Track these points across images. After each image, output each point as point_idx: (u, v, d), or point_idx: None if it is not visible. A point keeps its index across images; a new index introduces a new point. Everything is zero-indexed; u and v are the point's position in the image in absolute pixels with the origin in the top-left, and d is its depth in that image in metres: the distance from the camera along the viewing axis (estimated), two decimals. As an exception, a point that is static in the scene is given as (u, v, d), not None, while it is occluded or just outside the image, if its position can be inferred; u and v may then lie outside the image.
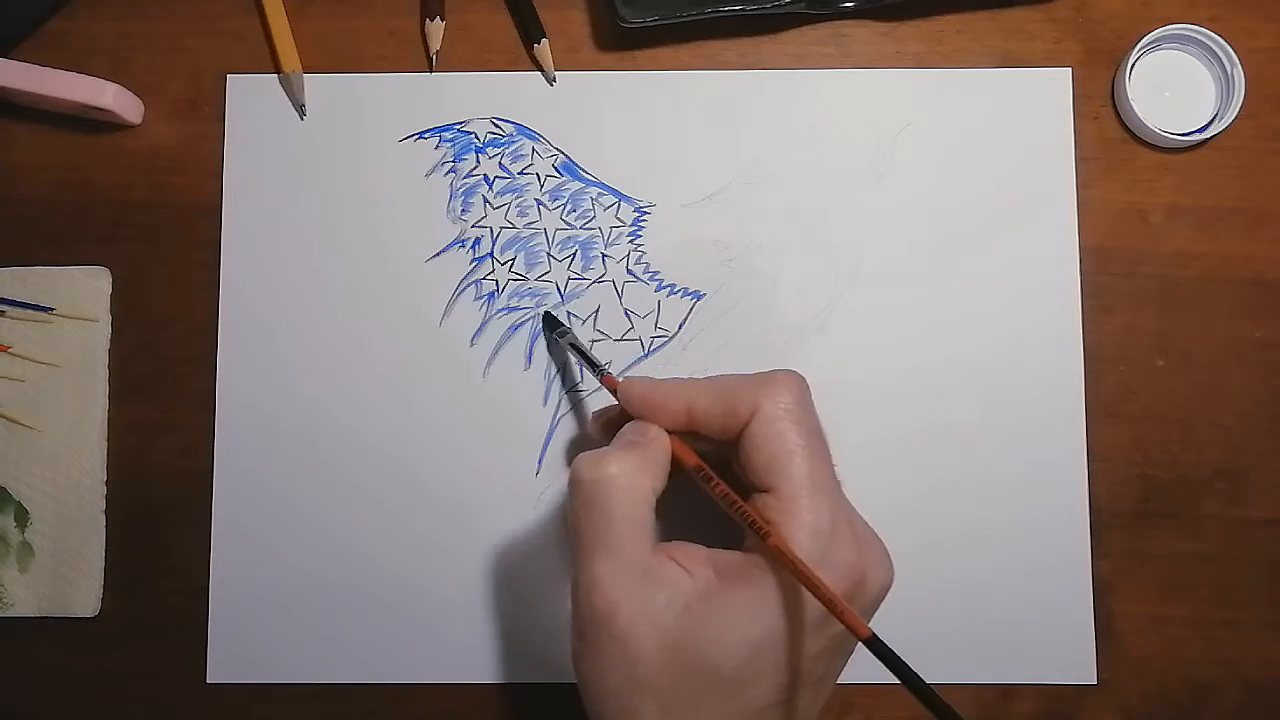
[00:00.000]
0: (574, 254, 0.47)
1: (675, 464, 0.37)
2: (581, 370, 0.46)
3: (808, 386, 0.37)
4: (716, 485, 0.36)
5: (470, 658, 0.45)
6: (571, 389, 0.46)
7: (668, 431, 0.38)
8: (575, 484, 0.36)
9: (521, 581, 0.46)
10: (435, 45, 0.48)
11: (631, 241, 0.47)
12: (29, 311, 0.47)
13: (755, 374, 0.38)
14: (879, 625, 0.33)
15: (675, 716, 0.34)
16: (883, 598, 0.37)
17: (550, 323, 0.46)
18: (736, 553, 0.36)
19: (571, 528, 0.36)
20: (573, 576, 0.36)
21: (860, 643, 0.32)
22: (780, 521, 0.35)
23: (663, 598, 0.34)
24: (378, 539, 0.46)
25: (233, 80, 0.48)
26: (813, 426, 0.37)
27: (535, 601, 0.46)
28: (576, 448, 0.46)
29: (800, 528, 0.34)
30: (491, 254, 0.47)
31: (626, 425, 0.39)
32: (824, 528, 0.35)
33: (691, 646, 0.33)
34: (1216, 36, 0.47)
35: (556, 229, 0.47)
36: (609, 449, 0.37)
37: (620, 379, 0.40)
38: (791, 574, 0.33)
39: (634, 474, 0.36)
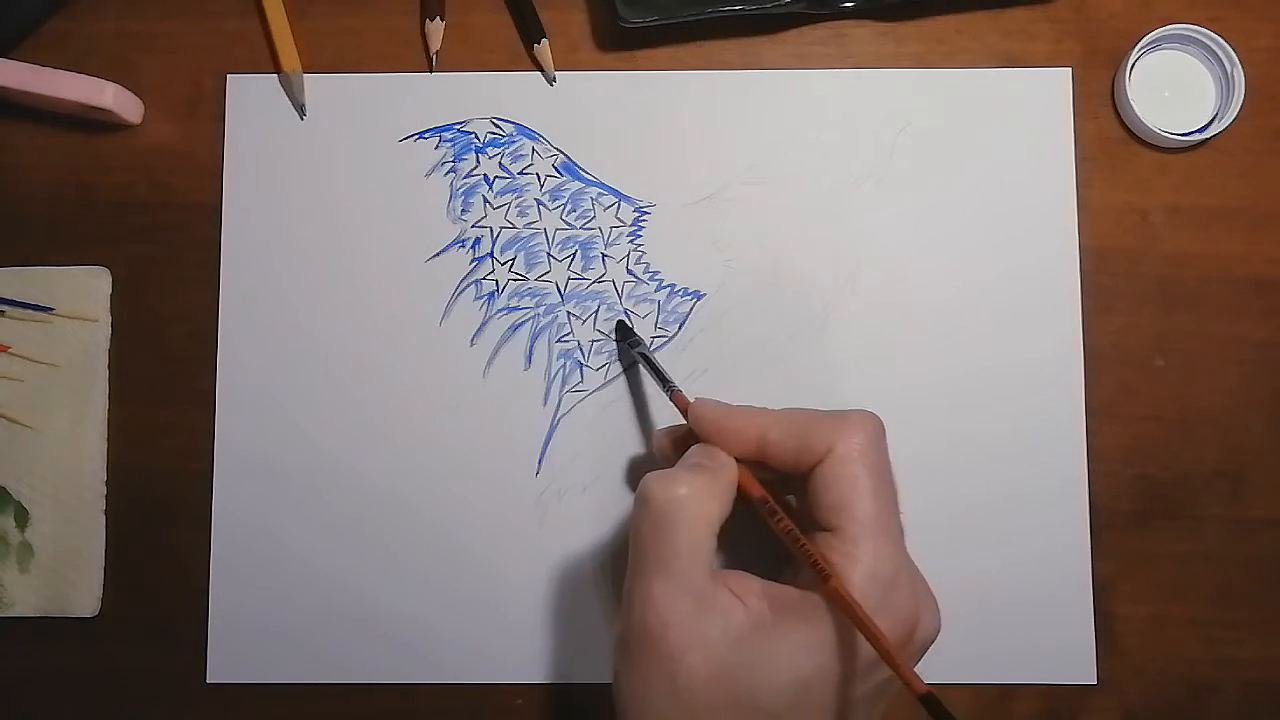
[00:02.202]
0: (574, 254, 0.47)
1: (739, 493, 0.37)
2: (583, 371, 0.46)
3: (883, 429, 0.37)
4: (780, 520, 0.36)
5: (471, 658, 0.45)
6: (572, 389, 0.47)
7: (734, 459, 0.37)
8: (644, 501, 0.36)
9: (521, 582, 0.46)
10: (435, 45, 0.48)
11: (631, 241, 0.47)
12: (29, 311, 0.47)
13: (831, 412, 0.37)
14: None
15: None
16: (929, 647, 0.37)
17: (623, 331, 0.46)
18: (792, 588, 0.35)
19: (632, 543, 0.36)
20: (626, 592, 0.36)
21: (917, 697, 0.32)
22: (841, 563, 0.34)
23: (716, 626, 0.34)
24: (377, 539, 0.46)
25: (233, 80, 0.48)
26: (884, 471, 0.36)
27: (535, 602, 0.46)
28: (576, 448, 0.46)
29: (861, 572, 0.34)
30: (491, 254, 0.47)
31: (694, 448, 0.38)
32: (884, 574, 0.34)
33: (740, 678, 0.33)
34: (1216, 36, 0.47)
35: (556, 229, 0.47)
36: (678, 470, 0.37)
37: (692, 400, 0.39)
38: (849, 619, 0.33)
39: (703, 499, 0.35)
